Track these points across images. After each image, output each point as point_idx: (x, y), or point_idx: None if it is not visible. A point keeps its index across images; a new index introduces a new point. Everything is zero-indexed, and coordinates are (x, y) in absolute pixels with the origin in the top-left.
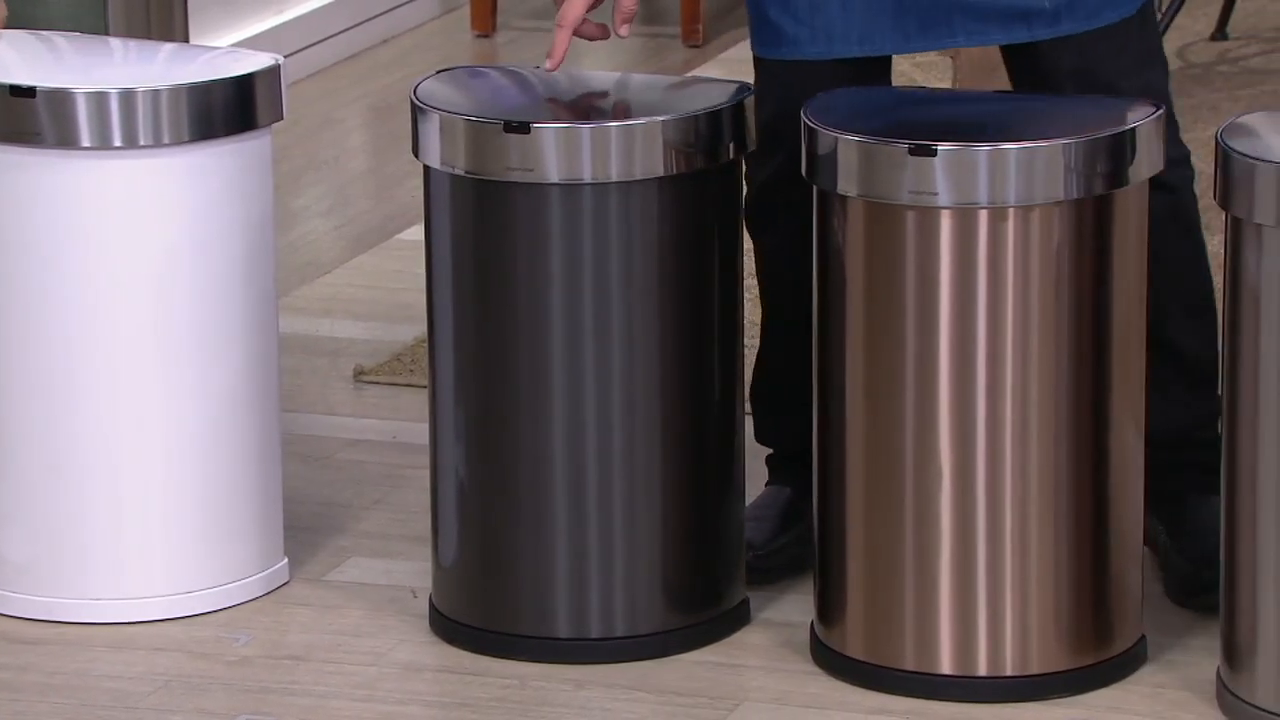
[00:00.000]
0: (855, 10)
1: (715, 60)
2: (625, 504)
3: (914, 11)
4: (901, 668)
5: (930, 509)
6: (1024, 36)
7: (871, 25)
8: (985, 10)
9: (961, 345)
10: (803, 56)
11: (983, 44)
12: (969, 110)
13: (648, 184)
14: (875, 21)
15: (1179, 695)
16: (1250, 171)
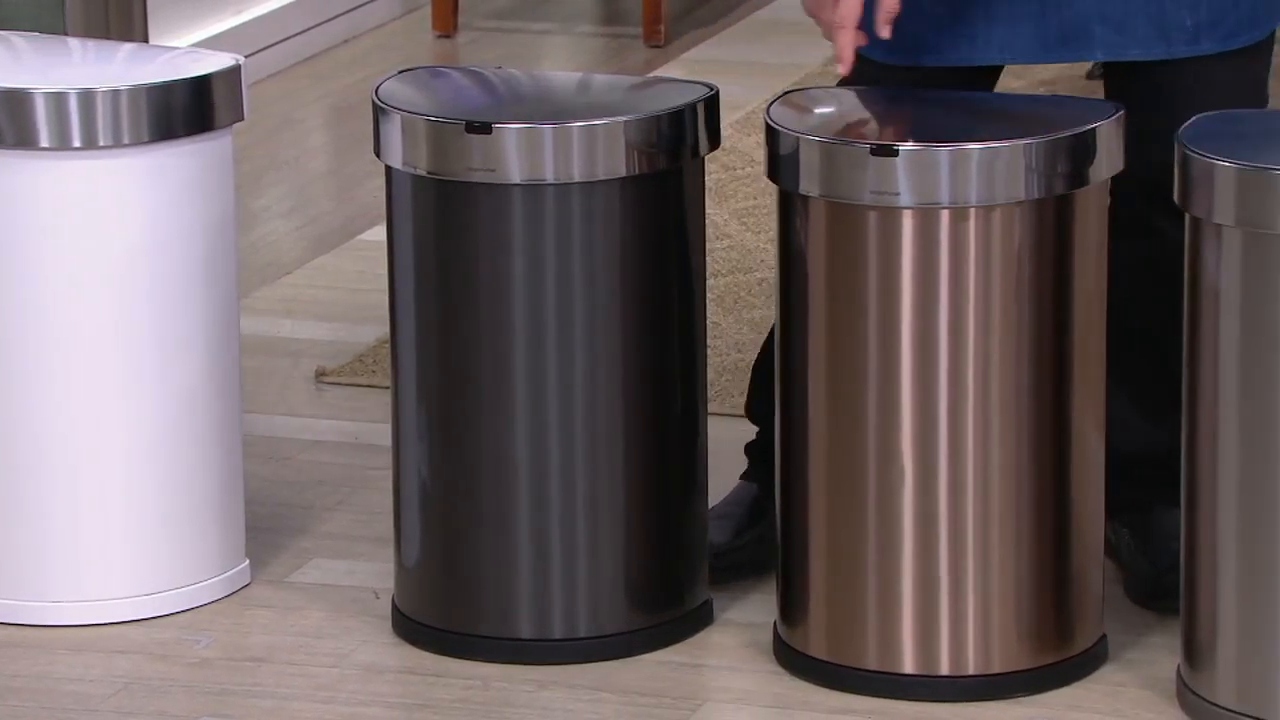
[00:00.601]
0: (997, 18)
1: (677, 60)
2: (588, 504)
3: (1055, 22)
4: (864, 667)
5: (892, 509)
6: (1161, 53)
7: (1012, 34)
8: (1125, 24)
9: (923, 345)
10: (945, 63)
11: (1120, 58)
12: (931, 110)
13: (610, 184)
14: (1016, 30)
15: (1139, 694)
16: (1209, 171)
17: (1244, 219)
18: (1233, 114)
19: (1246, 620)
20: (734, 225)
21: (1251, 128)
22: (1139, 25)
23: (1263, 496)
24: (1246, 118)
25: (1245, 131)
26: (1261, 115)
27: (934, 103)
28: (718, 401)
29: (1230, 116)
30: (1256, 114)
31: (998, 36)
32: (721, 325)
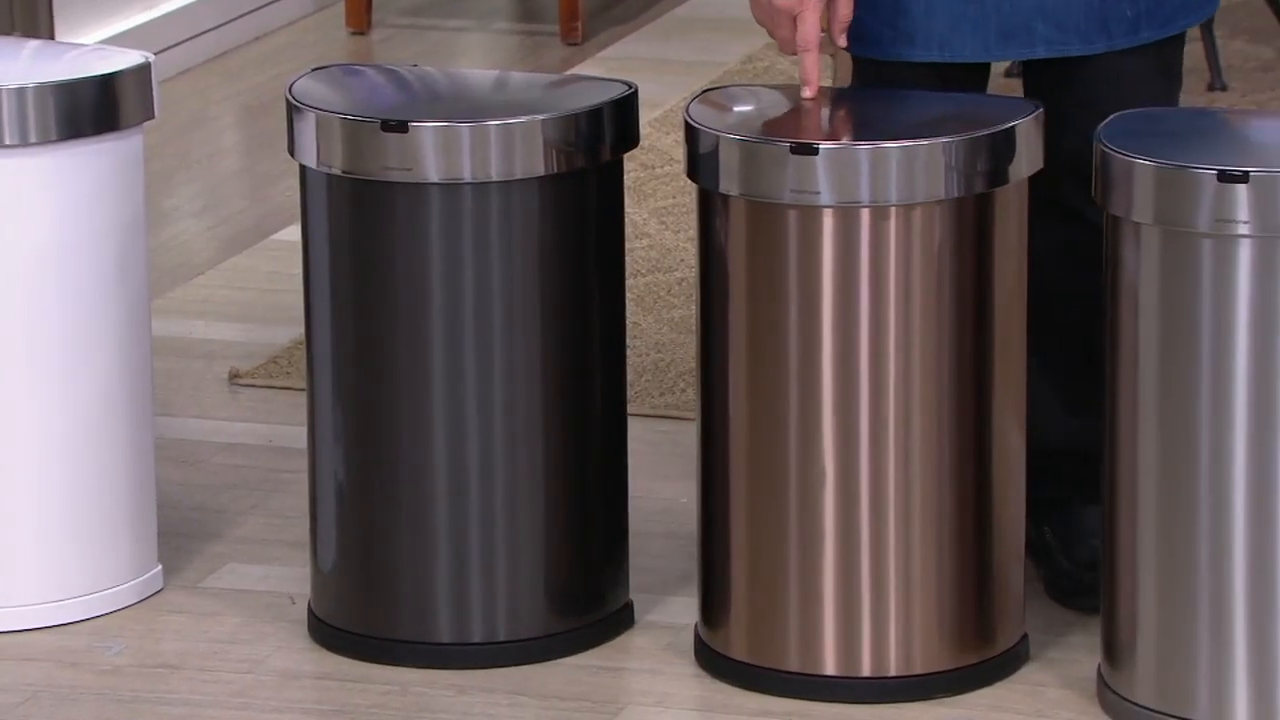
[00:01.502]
0: (937, 15)
1: (595, 59)
2: (507, 507)
3: (995, 19)
4: (785, 669)
5: (814, 509)
6: (1103, 47)
7: (953, 31)
8: (1066, 19)
9: (844, 344)
10: (883, 57)
11: (1062, 54)
12: (853, 109)
13: (528, 183)
14: (956, 28)
15: (1060, 693)
16: (1128, 170)
17: (1162, 217)
18: (1152, 112)
19: (1166, 619)
20: (653, 224)
21: (1170, 126)
22: (1079, 20)
23: (1181, 495)
24: (1165, 116)
25: (1164, 130)
26: (1180, 113)
27: (856, 101)
28: (637, 402)
29: (1149, 115)
30: (1175, 112)
31: (938, 34)
32: (641, 325)
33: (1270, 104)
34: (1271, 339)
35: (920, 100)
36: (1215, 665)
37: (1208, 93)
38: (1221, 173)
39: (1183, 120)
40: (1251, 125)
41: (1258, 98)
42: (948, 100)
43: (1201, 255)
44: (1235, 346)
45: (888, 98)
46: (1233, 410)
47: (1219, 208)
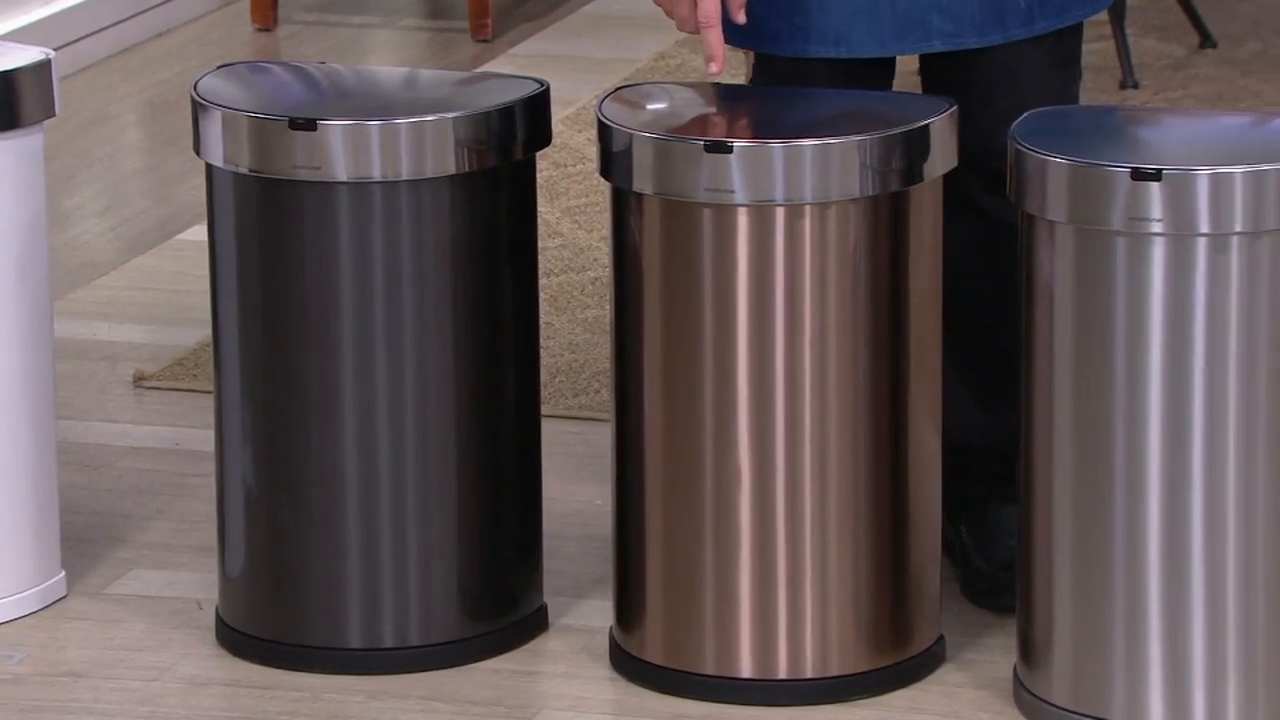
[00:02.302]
0: (832, 10)
1: (505, 55)
2: (419, 510)
3: (890, 14)
4: (701, 672)
5: (729, 510)
6: (999, 38)
7: (847, 26)
8: (960, 11)
9: (759, 344)
10: (778, 53)
11: (958, 47)
12: (767, 107)
13: (439, 182)
14: (851, 22)
15: (976, 694)
16: (1042, 168)
17: (1076, 216)
18: (1065, 110)
19: (1081, 620)
20: (566, 223)
21: (1084, 124)
22: (974, 11)
23: (1097, 495)
24: (1079, 114)
25: (1077, 128)
26: (1093, 111)
27: (770, 99)
28: (551, 404)
29: (1063, 113)
30: (1088, 110)
31: (833, 28)
32: (555, 325)
33: (1182, 102)
34: (1184, 337)
35: (834, 98)
36: (1130, 665)
37: (1120, 90)
38: (1134, 171)
39: (1096, 118)
40: (1164, 123)
41: (1169, 95)
42: (862, 98)
43: (1115, 253)
44: (1149, 344)
45: (802, 96)
46: (1147, 409)
47: (1132, 206)
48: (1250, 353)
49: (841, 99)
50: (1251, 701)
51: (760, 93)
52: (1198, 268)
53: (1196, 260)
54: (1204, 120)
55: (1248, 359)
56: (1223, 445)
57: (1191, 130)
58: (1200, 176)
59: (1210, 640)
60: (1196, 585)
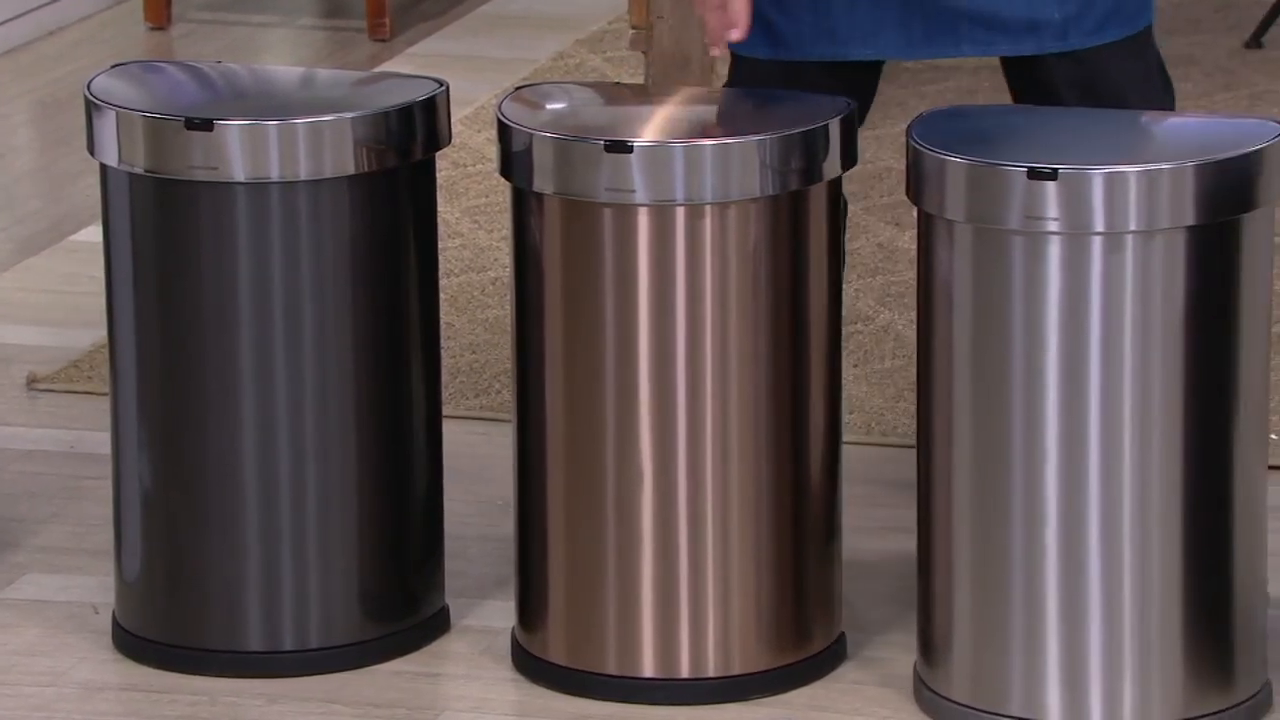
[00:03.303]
0: (860, 12)
1: (403, 55)
2: (319, 512)
3: (919, 17)
4: (604, 672)
5: (631, 511)
6: (1031, 49)
7: (876, 28)
8: (993, 20)
9: (660, 344)
10: (805, 57)
11: (989, 54)
12: (667, 107)
13: (338, 182)
14: (880, 24)
15: (878, 692)
16: (940, 167)
17: (974, 215)
18: (962, 109)
19: (980, 617)
20: (466, 224)
21: (982, 124)
22: (1007, 21)
23: (995, 493)
24: (977, 113)
25: (975, 128)
26: (990, 110)
27: (670, 98)
28: (452, 404)
29: (961, 112)
30: (985, 109)
31: (861, 31)
32: (455, 326)
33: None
34: (1080, 335)
35: (736, 97)
36: (1028, 662)
37: None
38: (1031, 170)
39: (994, 118)
40: (1062, 123)
41: None
42: (764, 97)
43: (1012, 252)
44: (1046, 342)
45: (702, 95)
46: (1044, 406)
47: (1028, 205)
48: (1144, 350)
49: (743, 99)
50: (1147, 696)
51: (660, 92)
52: (1093, 266)
53: (1091, 259)
54: (1102, 119)
55: (1142, 356)
56: (1118, 442)
57: (1090, 129)
58: (1095, 176)
59: (1107, 636)
60: (1093, 582)
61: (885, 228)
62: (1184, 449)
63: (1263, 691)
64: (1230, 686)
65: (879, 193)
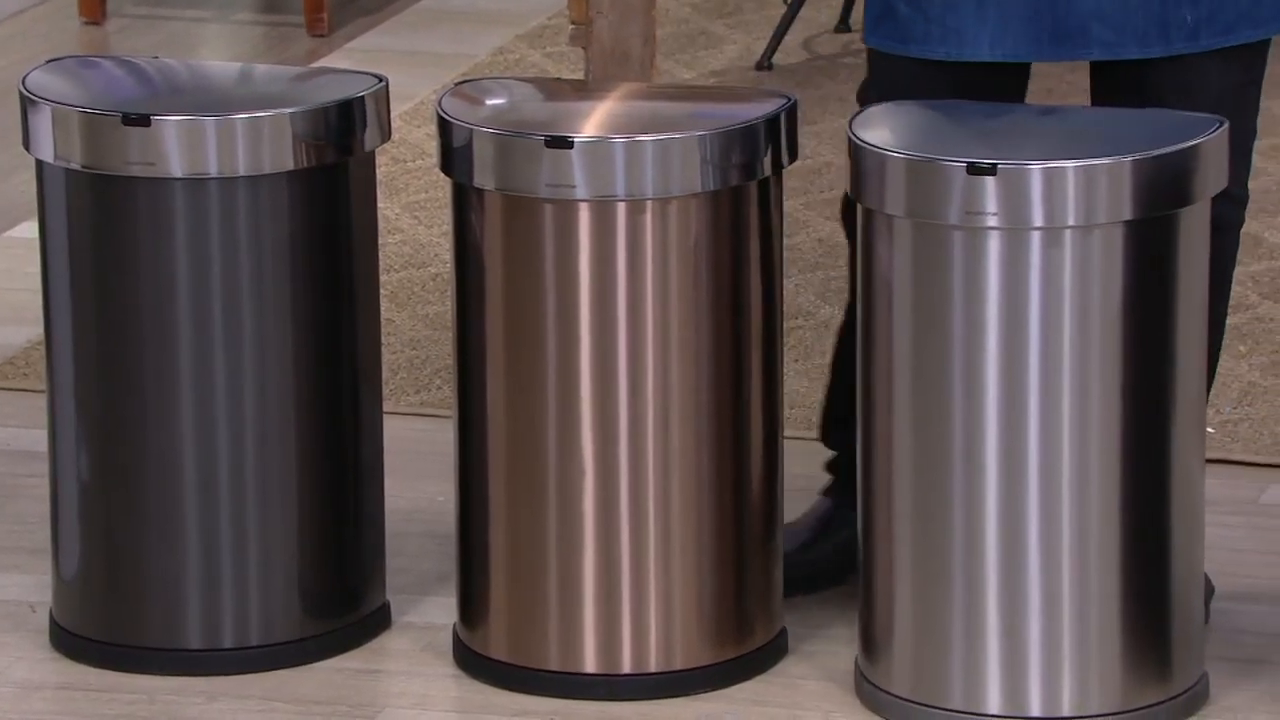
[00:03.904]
0: (989, 13)
1: (342, 50)
2: (259, 509)
3: (1049, 19)
4: (545, 668)
5: (573, 507)
6: (1160, 51)
7: (1004, 30)
8: (1124, 22)
9: (602, 339)
10: (931, 56)
11: (1117, 57)
12: (608, 103)
13: (277, 178)
14: (1008, 26)
15: (819, 686)
16: (881, 163)
17: (914, 210)
18: (902, 104)
19: (921, 611)
20: (406, 219)
21: (921, 119)
22: (1137, 23)
23: (935, 487)
24: (917, 109)
25: (915, 123)
26: (930, 106)
27: (611, 95)
28: (392, 400)
29: (901, 107)
30: (926, 104)
31: (989, 32)
32: (395, 322)
33: None
34: (1019, 329)
35: (676, 93)
36: (968, 656)
37: None
38: (970, 165)
39: (934, 113)
40: (1002, 119)
41: None
42: (704, 93)
43: (952, 247)
44: (985, 337)
45: (643, 91)
46: (983, 401)
47: (968, 200)
48: (1083, 344)
49: (683, 94)
50: (1085, 688)
51: (601, 88)
52: (1032, 261)
53: (1030, 253)
54: (1043, 115)
55: (1080, 350)
56: (1057, 436)
57: (1030, 125)
58: (1034, 171)
59: (1046, 630)
60: (1032, 575)
61: (825, 223)
62: (1122, 443)
63: (1200, 683)
64: (1168, 679)
65: (819, 188)
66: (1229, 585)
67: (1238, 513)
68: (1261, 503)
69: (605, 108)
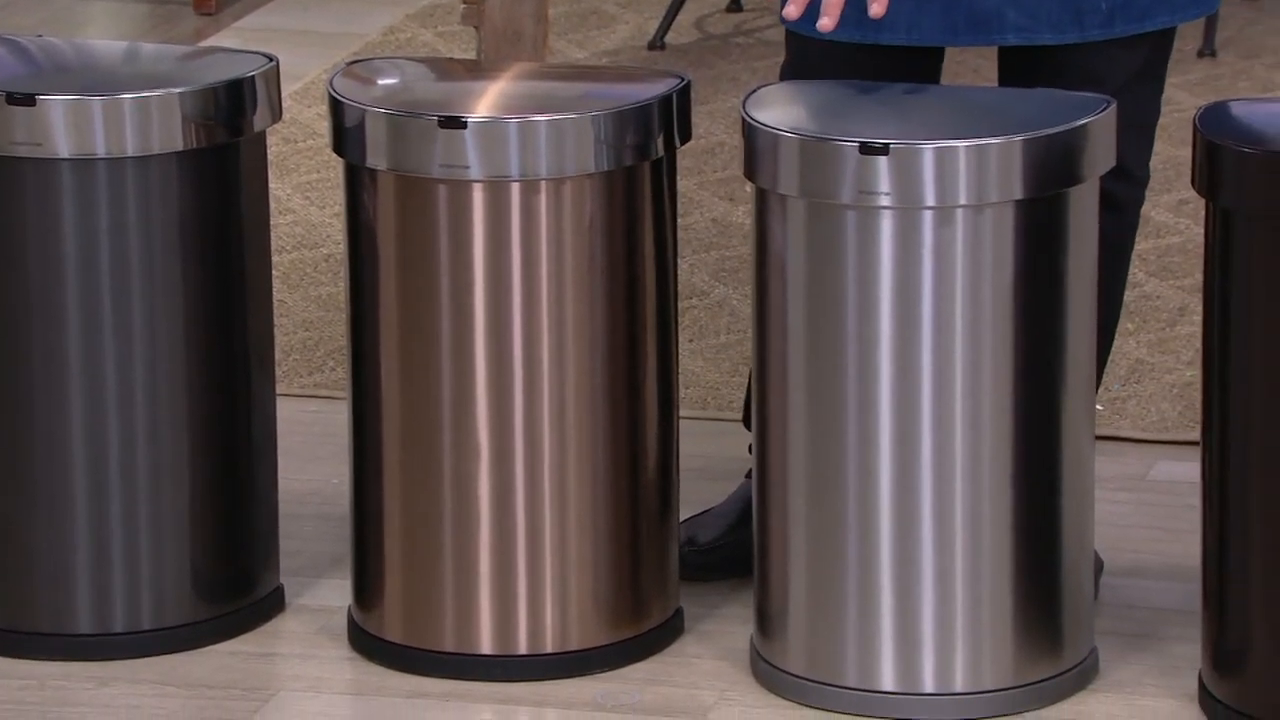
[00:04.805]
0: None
1: (230, 29)
2: (150, 492)
3: (964, 4)
4: (441, 649)
5: (468, 488)
6: (1075, 37)
7: (920, 14)
8: (1038, 8)
9: (497, 320)
10: (847, 39)
11: (1031, 43)
12: (500, 83)
13: (166, 159)
14: (924, 11)
15: (714, 665)
16: (774, 142)
17: (807, 190)
18: (796, 84)
19: (815, 589)
20: (297, 200)
21: (814, 98)
22: (1052, 9)
23: (829, 466)
24: (809, 88)
25: (809, 102)
26: (824, 86)
27: (504, 75)
28: (285, 382)
29: (793, 87)
30: (819, 84)
31: (906, 17)
32: (288, 303)
33: None
34: (912, 308)
35: (568, 73)
36: (862, 633)
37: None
38: (863, 145)
39: (828, 93)
40: (895, 98)
41: None
42: (596, 73)
43: (845, 227)
44: (879, 316)
45: (535, 71)
46: (877, 381)
47: (861, 180)
48: (975, 322)
49: (575, 74)
50: (978, 665)
51: (493, 68)
52: (924, 240)
53: (923, 233)
54: (936, 95)
55: (972, 329)
56: (950, 414)
57: (923, 105)
58: (926, 151)
59: (939, 607)
60: (926, 553)
61: (719, 203)
62: (1014, 420)
63: (1090, 658)
64: (1059, 654)
65: (712, 168)
66: (1118, 561)
67: (1126, 489)
68: (1149, 479)
69: (498, 88)
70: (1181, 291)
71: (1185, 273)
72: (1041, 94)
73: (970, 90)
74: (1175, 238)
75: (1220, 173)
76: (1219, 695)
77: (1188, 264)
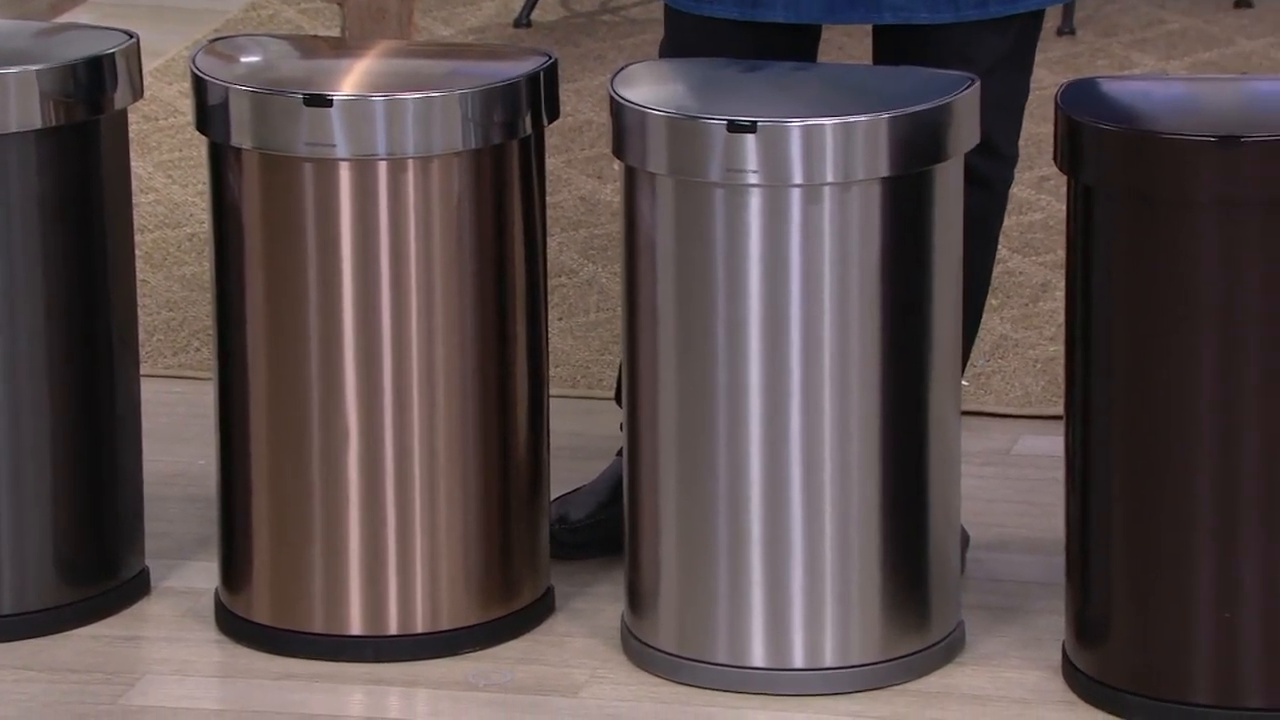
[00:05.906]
0: None
1: (87, 5)
2: (11, 474)
3: None
4: (310, 631)
5: (337, 468)
6: (950, 17)
7: None
8: None
9: (364, 299)
10: (725, 16)
11: (908, 22)
12: (365, 61)
13: (24, 137)
14: None
15: (586, 643)
16: (642, 120)
17: (676, 168)
18: (664, 62)
19: (686, 566)
20: (160, 178)
21: (683, 76)
22: None
23: (699, 443)
24: (677, 66)
25: (679, 80)
26: (692, 64)
27: (369, 53)
28: (149, 363)
29: (661, 65)
30: (688, 62)
31: None
32: (151, 283)
33: None
34: (781, 285)
35: (435, 51)
36: (733, 609)
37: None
38: (730, 123)
39: (696, 71)
40: (764, 77)
41: None
42: (463, 52)
43: (713, 205)
44: (747, 293)
45: (401, 48)
46: (746, 357)
47: (729, 158)
48: (843, 299)
49: (441, 52)
50: (847, 639)
51: (358, 45)
52: (792, 218)
53: (790, 210)
54: (804, 73)
55: (840, 305)
56: (818, 390)
57: (790, 83)
58: (793, 129)
59: (808, 583)
60: (795, 530)
61: (587, 180)
62: (881, 397)
63: (957, 631)
64: (926, 627)
65: (580, 145)
66: (983, 535)
67: (990, 463)
68: (1013, 453)
69: (364, 65)
70: (1044, 268)
71: (1048, 249)
72: (909, 72)
73: (840, 68)
74: (1038, 214)
75: (1082, 150)
76: (1081, 666)
77: (1050, 240)
